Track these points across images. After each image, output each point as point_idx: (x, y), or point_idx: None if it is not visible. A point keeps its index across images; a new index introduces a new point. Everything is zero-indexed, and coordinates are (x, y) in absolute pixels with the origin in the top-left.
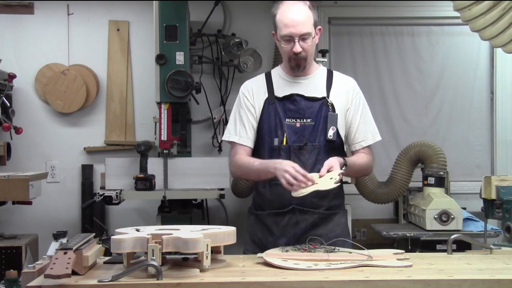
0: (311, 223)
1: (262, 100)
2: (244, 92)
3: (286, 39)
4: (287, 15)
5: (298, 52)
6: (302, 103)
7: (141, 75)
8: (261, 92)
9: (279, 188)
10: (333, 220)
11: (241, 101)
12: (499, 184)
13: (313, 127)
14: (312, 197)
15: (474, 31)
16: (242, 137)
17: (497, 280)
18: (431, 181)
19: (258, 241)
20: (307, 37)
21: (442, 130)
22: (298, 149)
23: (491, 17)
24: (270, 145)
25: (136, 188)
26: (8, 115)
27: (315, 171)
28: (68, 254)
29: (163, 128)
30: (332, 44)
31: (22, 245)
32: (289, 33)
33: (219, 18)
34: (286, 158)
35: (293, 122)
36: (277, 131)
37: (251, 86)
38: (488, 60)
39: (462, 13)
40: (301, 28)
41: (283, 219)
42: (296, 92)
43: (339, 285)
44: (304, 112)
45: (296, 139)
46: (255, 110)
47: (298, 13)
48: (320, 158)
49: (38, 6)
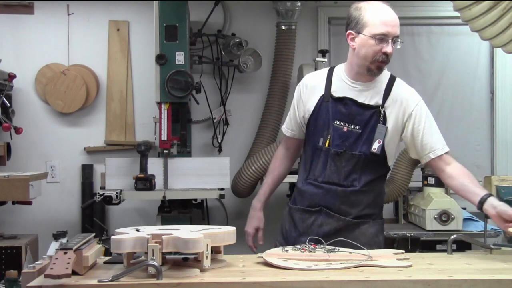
0: (334, 228)
1: (317, 97)
2: (301, 85)
3: (380, 37)
4: (385, 14)
5: (389, 53)
6: (353, 108)
7: (141, 75)
8: (318, 89)
9: (312, 188)
10: (360, 229)
11: (296, 93)
12: (499, 184)
13: (359, 135)
14: (342, 204)
15: (474, 31)
16: (287, 128)
17: (497, 280)
18: (431, 181)
19: (285, 233)
20: (398, 41)
21: (442, 130)
22: (336, 155)
23: (491, 17)
24: (315, 144)
25: (136, 188)
26: (8, 115)
27: (349, 180)
28: (68, 254)
29: (163, 128)
30: (332, 44)
31: (22, 245)
32: (386, 32)
33: (219, 18)
34: (324, 161)
35: (341, 125)
36: (324, 131)
37: (310, 81)
38: (488, 60)
39: (462, 13)
40: (397, 29)
41: (310, 217)
42: (351, 95)
43: (339, 285)
44: (354, 117)
45: (340, 143)
46: (304, 106)
47: (393, 14)
48: (357, 168)
49: (38, 6)
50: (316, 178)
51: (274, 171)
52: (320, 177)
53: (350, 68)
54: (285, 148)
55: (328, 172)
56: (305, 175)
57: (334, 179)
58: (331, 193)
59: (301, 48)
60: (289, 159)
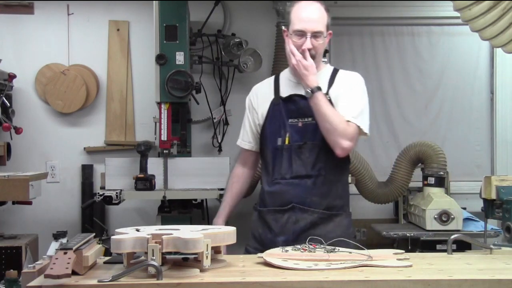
0: (310, 222)
1: (269, 102)
2: (250, 95)
3: (298, 33)
4: (303, 11)
5: (309, 48)
6: (301, 102)
7: (141, 75)
8: (268, 94)
9: (281, 187)
10: (334, 221)
11: (246, 104)
12: (499, 184)
13: (315, 125)
14: (313, 196)
15: (474, 31)
16: (244, 141)
17: (497, 280)
18: (431, 181)
19: (258, 237)
20: (319, 35)
21: (442, 130)
22: (298, 148)
23: (491, 17)
24: (274, 145)
25: (136, 188)
26: (8, 115)
27: (315, 170)
28: (68, 254)
29: (163, 128)
30: (332, 44)
31: (22, 245)
32: (302, 28)
33: (219, 18)
34: (287, 158)
35: (295, 122)
36: (280, 131)
37: (258, 89)
38: (488, 60)
39: (462, 13)
40: (315, 25)
41: (283, 216)
42: (298, 92)
43: (339, 285)
44: (304, 111)
45: (299, 138)
46: (257, 113)
47: (314, 11)
48: (321, 156)
49: (38, 6)
50: (284, 176)
51: (232, 189)
52: (287, 174)
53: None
54: (241, 164)
55: (294, 166)
56: (269, 177)
57: (302, 172)
58: (301, 187)
59: None
60: (246, 176)
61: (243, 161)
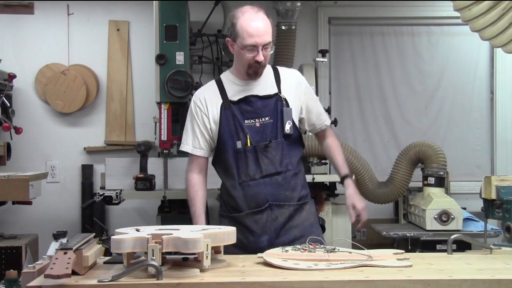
0: (288, 216)
1: (217, 107)
2: (196, 101)
3: (249, 48)
4: (251, 24)
5: (261, 61)
6: (258, 103)
7: (141, 75)
8: (215, 99)
9: (252, 188)
10: (305, 209)
11: (193, 111)
12: (499, 184)
13: (272, 124)
14: (285, 190)
15: (474, 31)
16: (196, 148)
17: (497, 280)
18: (431, 181)
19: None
20: (269, 46)
21: (442, 130)
22: (264, 148)
23: (491, 17)
24: (234, 149)
25: (136, 188)
26: (8, 115)
27: (282, 166)
28: (68, 254)
29: (163, 128)
30: (332, 44)
31: (22, 245)
32: (254, 43)
33: (219, 18)
34: (253, 159)
35: (252, 122)
36: (239, 133)
37: (203, 95)
38: (488, 60)
39: (462, 13)
40: (265, 38)
41: (262, 216)
42: (251, 93)
43: (339, 285)
44: (261, 111)
45: (259, 138)
46: (209, 118)
47: (261, 22)
48: (285, 153)
49: (38, 6)
50: (253, 177)
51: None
52: (257, 174)
53: (238, 70)
54: (197, 172)
55: (263, 166)
56: (233, 180)
57: (271, 170)
58: (273, 184)
59: (301, 48)
60: (203, 183)
61: (198, 168)
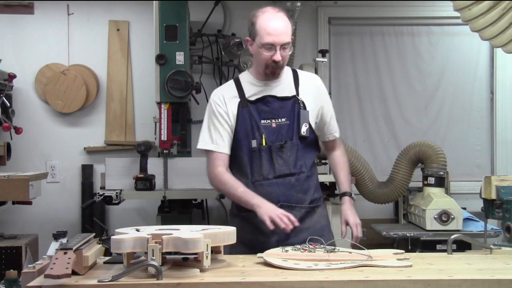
0: (298, 218)
1: (235, 106)
2: (215, 100)
3: (267, 47)
4: (270, 24)
5: (278, 61)
6: (275, 103)
7: (141, 75)
8: (233, 98)
9: (265, 187)
10: (317, 212)
11: (213, 109)
12: (499, 184)
13: (289, 125)
14: (298, 192)
15: (474, 31)
16: (220, 145)
17: (497, 280)
18: (431, 181)
19: (248, 242)
20: (287, 47)
21: (442, 130)
22: (279, 148)
23: (491, 17)
24: (249, 148)
25: (136, 188)
26: (8, 115)
27: (296, 168)
28: (68, 254)
29: (163, 128)
30: (332, 44)
31: (22, 245)
32: (271, 42)
33: (219, 18)
34: (268, 158)
35: (268, 123)
36: (254, 133)
37: (222, 93)
38: (488, 60)
39: (462, 13)
40: (283, 38)
41: None
42: (269, 93)
43: (339, 285)
44: (278, 112)
45: (274, 138)
46: (229, 116)
47: (281, 22)
48: (299, 155)
49: (38, 6)
50: (266, 176)
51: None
52: (270, 174)
53: (257, 70)
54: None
55: (277, 166)
56: (247, 179)
57: (285, 171)
58: (286, 185)
59: (301, 48)
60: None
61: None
